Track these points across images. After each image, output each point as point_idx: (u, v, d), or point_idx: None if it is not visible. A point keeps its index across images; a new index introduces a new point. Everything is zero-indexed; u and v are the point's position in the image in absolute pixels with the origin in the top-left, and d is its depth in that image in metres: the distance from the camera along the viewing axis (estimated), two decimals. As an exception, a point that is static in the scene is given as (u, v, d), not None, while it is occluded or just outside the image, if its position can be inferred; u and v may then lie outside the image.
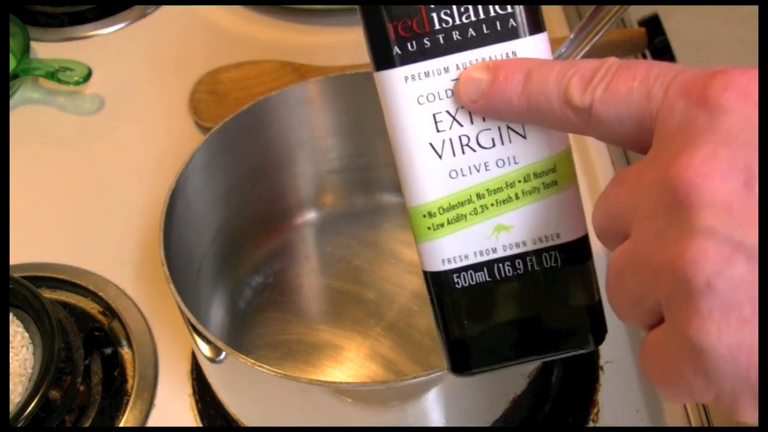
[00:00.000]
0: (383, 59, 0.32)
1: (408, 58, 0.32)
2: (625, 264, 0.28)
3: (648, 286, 0.27)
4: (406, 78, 0.32)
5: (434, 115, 0.32)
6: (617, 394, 0.54)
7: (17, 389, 0.51)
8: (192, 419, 0.55)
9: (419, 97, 0.32)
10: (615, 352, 0.56)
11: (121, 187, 0.69)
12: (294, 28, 0.80)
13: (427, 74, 0.32)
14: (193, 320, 0.45)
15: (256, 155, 0.58)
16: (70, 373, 0.54)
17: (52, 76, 0.73)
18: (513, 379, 0.49)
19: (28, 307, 0.55)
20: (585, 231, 0.33)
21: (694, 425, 0.51)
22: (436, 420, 0.47)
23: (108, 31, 0.82)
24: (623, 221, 0.28)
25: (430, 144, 0.32)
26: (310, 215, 0.63)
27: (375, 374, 0.55)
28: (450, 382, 0.44)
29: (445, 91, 0.32)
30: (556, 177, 0.32)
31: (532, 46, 0.31)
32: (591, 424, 0.53)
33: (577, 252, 0.33)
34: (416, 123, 0.32)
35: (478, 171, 0.32)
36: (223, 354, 0.45)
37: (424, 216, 0.33)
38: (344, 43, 0.77)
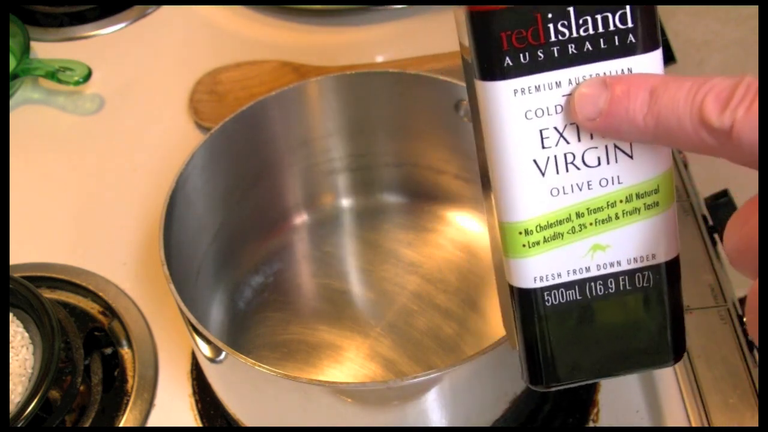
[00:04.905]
0: (492, 70, 0.30)
1: (519, 71, 0.30)
2: None
3: None
4: (516, 91, 0.30)
5: (541, 131, 0.30)
6: (617, 394, 0.54)
7: (17, 389, 0.51)
8: (192, 419, 0.55)
9: (527, 111, 0.30)
10: (615, 352, 0.56)
11: (121, 187, 0.69)
12: (294, 28, 0.80)
13: (537, 88, 0.30)
14: (193, 320, 0.45)
15: (256, 155, 0.58)
16: (70, 373, 0.54)
17: (52, 76, 0.73)
18: (513, 379, 0.49)
19: (28, 307, 0.55)
20: (678, 251, 0.32)
21: (694, 425, 0.51)
22: (436, 420, 0.47)
23: (108, 31, 0.82)
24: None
25: (534, 161, 0.31)
26: (310, 215, 0.63)
27: (375, 374, 0.55)
28: (450, 382, 0.44)
29: (555, 106, 0.30)
30: (658, 198, 0.31)
31: (648, 63, 0.30)
32: (591, 424, 0.53)
33: (670, 272, 0.32)
34: (522, 138, 0.30)
35: (581, 190, 0.31)
36: (223, 354, 0.45)
37: (520, 233, 0.31)
38: (344, 43, 0.77)
